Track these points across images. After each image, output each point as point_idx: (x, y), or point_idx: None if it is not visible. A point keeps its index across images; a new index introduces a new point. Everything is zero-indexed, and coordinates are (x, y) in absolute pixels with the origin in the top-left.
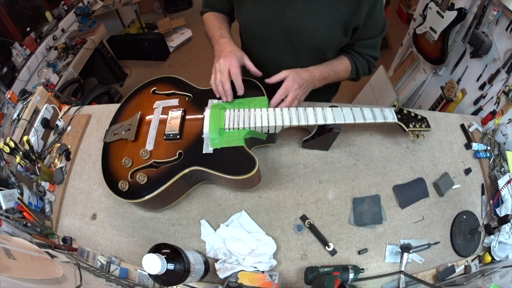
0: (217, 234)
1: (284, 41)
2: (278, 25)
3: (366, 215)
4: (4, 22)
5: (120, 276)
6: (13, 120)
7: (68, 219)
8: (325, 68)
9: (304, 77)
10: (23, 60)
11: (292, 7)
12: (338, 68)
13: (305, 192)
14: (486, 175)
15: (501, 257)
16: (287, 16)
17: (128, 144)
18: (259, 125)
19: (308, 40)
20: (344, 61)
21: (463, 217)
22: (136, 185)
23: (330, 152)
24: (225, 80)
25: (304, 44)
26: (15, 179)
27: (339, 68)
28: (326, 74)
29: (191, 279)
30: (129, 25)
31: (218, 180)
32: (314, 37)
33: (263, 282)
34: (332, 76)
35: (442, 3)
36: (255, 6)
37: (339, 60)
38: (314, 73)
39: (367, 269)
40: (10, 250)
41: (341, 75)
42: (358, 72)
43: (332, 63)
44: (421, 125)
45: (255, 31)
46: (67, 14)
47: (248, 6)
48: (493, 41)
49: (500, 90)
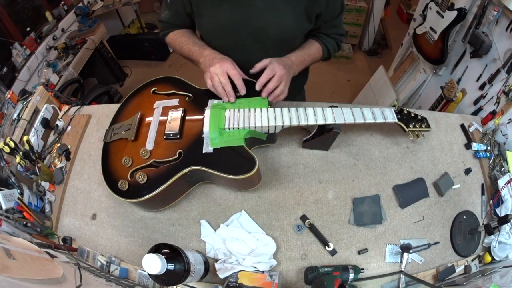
0: (217, 234)
1: (252, 42)
2: (243, 27)
3: (366, 215)
4: (4, 22)
5: (120, 276)
6: (13, 120)
7: (68, 219)
8: (299, 53)
9: (284, 61)
10: (23, 60)
11: (253, 7)
12: (310, 51)
13: (305, 192)
14: (486, 175)
15: (501, 257)
16: (250, 16)
17: (128, 143)
18: (259, 125)
19: (275, 35)
20: (314, 43)
21: (463, 217)
22: (136, 185)
23: (330, 152)
24: (226, 82)
25: (272, 40)
26: (15, 179)
27: (312, 51)
28: (301, 58)
29: (191, 279)
30: (129, 25)
31: (218, 180)
32: (280, 31)
33: (263, 282)
34: (307, 59)
35: (442, 3)
36: (216, 13)
37: (309, 43)
38: (291, 58)
39: (367, 269)
40: (10, 250)
41: (315, 56)
42: (329, 51)
43: (304, 47)
44: (421, 125)
45: (220, 39)
46: (67, 14)
47: (209, 15)
48: (493, 41)
49: (500, 90)
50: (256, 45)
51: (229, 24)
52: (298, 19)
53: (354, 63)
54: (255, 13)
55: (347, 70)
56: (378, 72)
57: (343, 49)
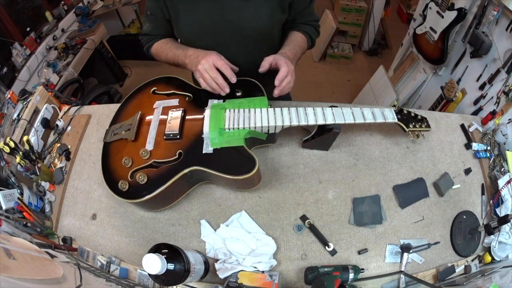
0: (217, 234)
1: (230, 38)
2: (221, 27)
3: (366, 215)
4: (4, 22)
5: (120, 276)
6: (13, 120)
7: (68, 219)
8: (290, 47)
9: (285, 56)
10: (23, 60)
11: (229, 6)
12: (298, 42)
13: (305, 192)
14: (486, 175)
15: (501, 257)
16: (226, 12)
17: (128, 144)
18: (259, 125)
19: (252, 29)
20: (297, 34)
21: (463, 217)
22: (136, 185)
23: (330, 152)
24: (216, 75)
25: (250, 35)
26: (15, 179)
27: (299, 42)
28: (294, 51)
29: (191, 279)
30: (129, 25)
31: (218, 180)
32: (257, 25)
33: (263, 282)
34: (298, 51)
35: (442, 3)
36: (193, 13)
37: (293, 35)
38: (287, 53)
39: (367, 269)
40: (10, 250)
41: (303, 46)
42: (312, 38)
43: (291, 40)
44: (421, 125)
45: (200, 39)
46: (67, 14)
47: (187, 16)
48: (493, 41)
49: (500, 90)
50: (234, 40)
51: (207, 23)
52: (272, 10)
53: (354, 63)
54: (231, 9)
55: (347, 70)
56: (378, 72)
57: (343, 49)
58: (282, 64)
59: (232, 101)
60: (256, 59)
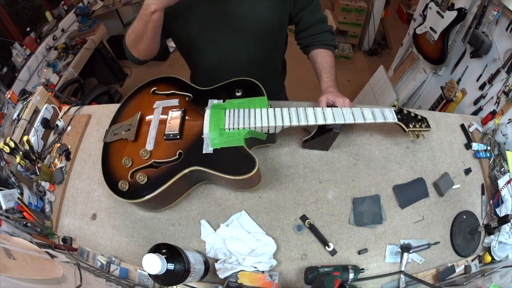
0: (217, 234)
1: (232, 34)
2: (223, 24)
3: (366, 215)
4: (4, 22)
5: (120, 276)
6: (13, 120)
7: (68, 219)
8: (327, 74)
9: (332, 90)
10: (23, 60)
11: (231, 2)
12: (328, 63)
13: (305, 192)
14: (486, 175)
15: (501, 257)
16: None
17: (128, 144)
18: (259, 125)
19: (254, 24)
20: (322, 53)
21: (463, 217)
22: (136, 185)
23: (330, 152)
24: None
25: (252, 30)
26: (15, 179)
27: (328, 62)
28: (332, 77)
29: (191, 279)
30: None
31: (218, 180)
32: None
33: (263, 282)
34: (334, 72)
35: (442, 3)
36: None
37: (320, 57)
38: (328, 83)
39: (367, 269)
40: (10, 250)
41: (333, 62)
42: (334, 45)
43: (323, 66)
44: (421, 125)
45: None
46: (67, 14)
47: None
48: (493, 41)
49: (500, 90)
50: (235, 35)
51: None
52: (274, 4)
53: (354, 63)
54: (234, 7)
55: (347, 70)
56: (378, 72)
57: (343, 49)
58: (338, 101)
59: (232, 101)
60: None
